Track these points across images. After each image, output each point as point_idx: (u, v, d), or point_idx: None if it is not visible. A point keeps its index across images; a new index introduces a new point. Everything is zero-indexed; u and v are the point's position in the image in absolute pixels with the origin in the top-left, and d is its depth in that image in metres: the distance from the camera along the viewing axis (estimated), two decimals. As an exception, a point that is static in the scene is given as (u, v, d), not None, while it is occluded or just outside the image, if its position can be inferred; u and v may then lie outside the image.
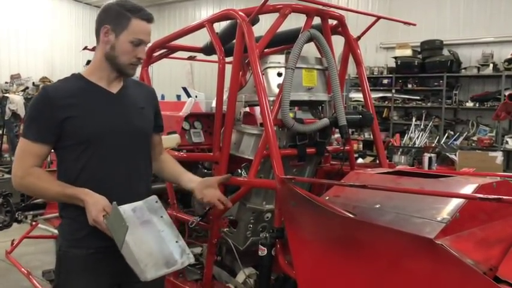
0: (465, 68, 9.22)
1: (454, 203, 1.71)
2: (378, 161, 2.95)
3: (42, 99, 1.95)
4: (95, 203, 1.85)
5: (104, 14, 1.99)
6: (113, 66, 2.00)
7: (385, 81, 9.94)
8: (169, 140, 3.04)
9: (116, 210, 1.79)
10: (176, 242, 1.95)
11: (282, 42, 2.98)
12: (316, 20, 2.69)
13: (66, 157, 1.98)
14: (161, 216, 1.98)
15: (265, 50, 2.85)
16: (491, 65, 8.78)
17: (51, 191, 1.94)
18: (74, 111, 1.93)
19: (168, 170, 2.32)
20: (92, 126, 1.95)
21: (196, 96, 8.39)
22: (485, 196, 1.52)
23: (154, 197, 2.02)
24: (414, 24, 3.15)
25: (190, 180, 2.29)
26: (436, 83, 9.33)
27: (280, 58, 2.59)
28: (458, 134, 9.02)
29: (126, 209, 1.90)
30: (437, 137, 8.96)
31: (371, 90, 3.05)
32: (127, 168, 2.03)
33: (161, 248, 1.91)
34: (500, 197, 1.44)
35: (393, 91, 9.79)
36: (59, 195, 1.94)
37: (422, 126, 9.10)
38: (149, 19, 2.00)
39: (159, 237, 1.93)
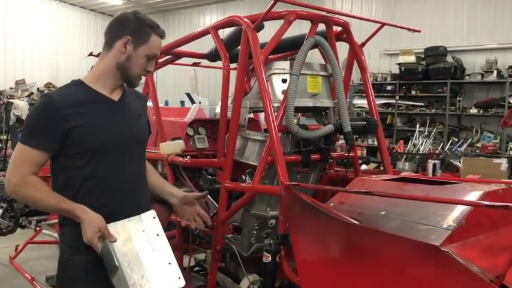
0: (469, 75, 9.21)
1: (460, 210, 1.70)
2: (382, 168, 2.94)
3: (47, 107, 1.91)
4: (91, 224, 1.83)
5: (123, 25, 1.99)
6: (123, 76, 2.01)
7: (389, 87, 9.94)
8: (174, 145, 3.04)
9: (106, 250, 1.77)
10: (169, 263, 1.91)
11: (287, 48, 2.99)
12: (321, 27, 2.70)
13: (69, 165, 1.96)
14: (157, 234, 1.95)
15: (270, 57, 2.85)
16: (495, 72, 8.77)
17: (47, 203, 1.92)
18: (81, 121, 1.91)
19: (150, 180, 2.24)
20: (98, 136, 1.94)
21: (200, 102, 8.43)
22: (492, 203, 1.51)
23: (152, 212, 1.99)
24: (418, 31, 3.15)
25: (172, 194, 2.27)
26: (440, 90, 9.33)
27: (285, 64, 2.60)
28: (462, 140, 9.00)
29: (121, 224, 1.88)
30: (441, 144, 8.94)
31: (375, 96, 3.05)
32: (131, 176, 2.02)
33: (153, 269, 1.87)
34: (507, 204, 1.43)
35: (397, 97, 9.79)
36: (54, 208, 1.93)
37: (426, 133, 9.09)
38: (164, 36, 2.08)
39: (152, 257, 1.89)
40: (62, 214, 1.94)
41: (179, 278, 1.91)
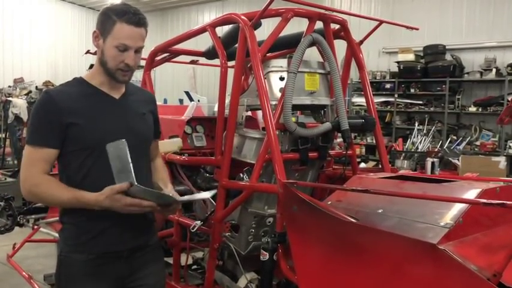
0: (468, 73, 9.22)
1: (457, 208, 1.70)
2: (380, 166, 2.94)
3: (45, 103, 1.92)
4: (111, 204, 1.82)
5: (97, 18, 1.97)
6: (105, 71, 1.97)
7: (388, 85, 9.96)
8: (171, 143, 3.04)
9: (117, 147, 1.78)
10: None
11: (284, 46, 2.98)
12: (319, 25, 2.69)
13: (68, 163, 1.96)
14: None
15: (268, 54, 2.85)
16: (494, 70, 8.78)
17: (61, 199, 1.90)
18: (78, 117, 1.91)
19: (155, 178, 2.23)
20: (95, 133, 1.93)
21: (198, 100, 8.42)
22: (489, 201, 1.51)
23: None
24: (417, 29, 3.14)
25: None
26: (438, 88, 9.34)
27: (283, 62, 2.59)
28: (461, 138, 9.01)
29: None
30: (440, 142, 8.95)
31: (373, 94, 3.05)
32: None
33: None
34: (504, 202, 1.43)
35: (396, 96, 9.79)
36: (69, 203, 1.90)
37: (425, 131, 9.10)
38: (137, 23, 1.89)
39: None
40: (80, 206, 1.90)
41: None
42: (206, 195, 2.21)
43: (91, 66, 3.09)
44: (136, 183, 1.79)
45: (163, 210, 1.96)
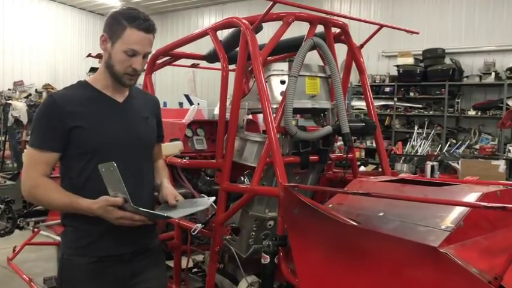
0: (467, 77, 9.24)
1: (458, 211, 1.71)
2: (380, 169, 2.95)
3: (49, 106, 1.93)
4: (104, 214, 1.84)
5: (105, 22, 1.99)
6: (111, 75, 1.98)
7: (387, 89, 9.97)
8: (172, 147, 3.04)
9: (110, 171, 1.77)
10: (195, 202, 2.17)
11: (285, 50, 2.99)
12: (320, 28, 2.70)
13: (71, 166, 1.97)
14: None
15: (269, 58, 2.85)
16: (493, 74, 8.80)
17: (59, 203, 1.92)
18: (81, 121, 1.92)
19: (156, 178, 2.24)
20: (98, 137, 1.94)
21: (198, 104, 8.43)
22: (490, 204, 1.52)
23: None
24: (417, 33, 3.15)
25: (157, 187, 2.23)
26: (438, 92, 9.36)
27: (284, 66, 2.60)
28: (460, 142, 9.02)
29: None
30: (440, 145, 8.96)
31: (373, 98, 3.05)
32: (131, 178, 1.99)
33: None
34: (505, 205, 1.43)
35: (395, 99, 9.81)
36: (66, 207, 1.93)
37: (424, 135, 9.11)
38: (147, 29, 1.92)
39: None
40: (75, 212, 1.92)
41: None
42: (202, 207, 2.22)
43: (91, 69, 3.11)
44: (131, 202, 1.80)
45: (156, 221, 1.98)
